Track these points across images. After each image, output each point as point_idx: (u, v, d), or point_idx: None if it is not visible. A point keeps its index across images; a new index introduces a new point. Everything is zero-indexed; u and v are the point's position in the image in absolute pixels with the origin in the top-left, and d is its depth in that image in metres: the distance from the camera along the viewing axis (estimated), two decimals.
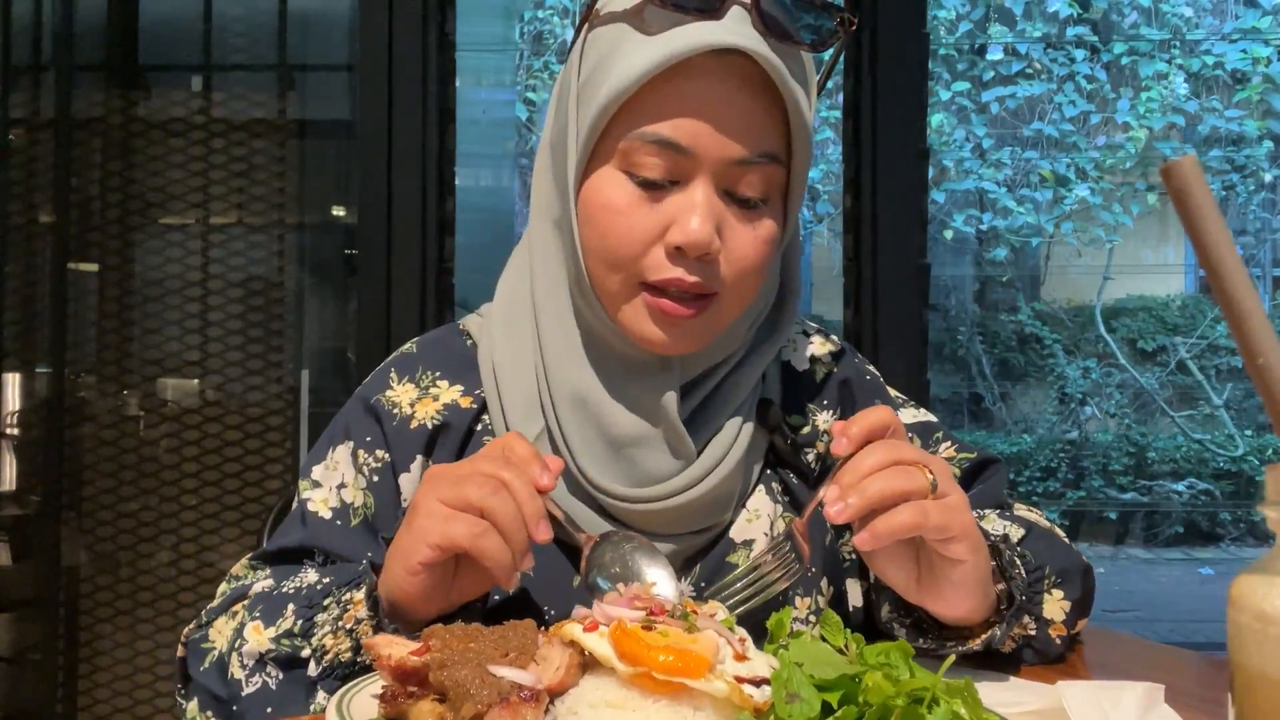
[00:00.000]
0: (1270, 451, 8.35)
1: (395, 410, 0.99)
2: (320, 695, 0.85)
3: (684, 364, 0.94)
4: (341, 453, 1.00)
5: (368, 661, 0.82)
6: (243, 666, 0.87)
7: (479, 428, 0.98)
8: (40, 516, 2.43)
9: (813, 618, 0.99)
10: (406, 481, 0.98)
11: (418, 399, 1.00)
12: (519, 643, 0.70)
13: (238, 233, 2.48)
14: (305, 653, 0.85)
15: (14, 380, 2.50)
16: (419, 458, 0.98)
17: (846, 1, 2.13)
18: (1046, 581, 0.94)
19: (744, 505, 0.98)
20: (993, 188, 9.00)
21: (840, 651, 0.70)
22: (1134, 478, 9.02)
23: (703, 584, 0.95)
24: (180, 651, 0.94)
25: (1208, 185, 0.50)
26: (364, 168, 2.23)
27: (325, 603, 0.85)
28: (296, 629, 0.85)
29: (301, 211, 2.50)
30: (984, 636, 0.88)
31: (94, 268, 2.51)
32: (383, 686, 0.71)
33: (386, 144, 2.22)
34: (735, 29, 0.84)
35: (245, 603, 0.91)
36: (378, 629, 0.83)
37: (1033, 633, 0.93)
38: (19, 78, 2.50)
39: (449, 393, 1.00)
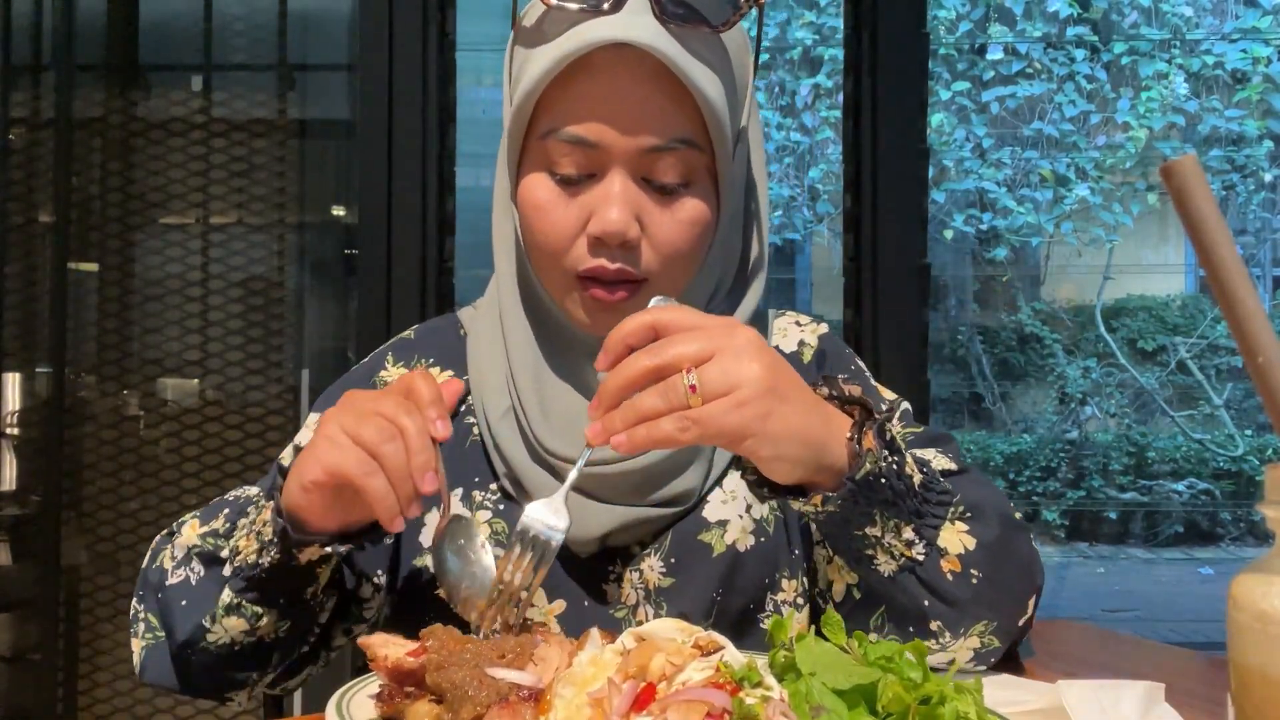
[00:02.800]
0: (1270, 451, 8.35)
1: None
2: (225, 592, 0.89)
3: None
4: None
5: (269, 563, 0.86)
6: (173, 558, 0.95)
7: (463, 408, 1.04)
8: (40, 516, 2.43)
9: (800, 600, 0.99)
10: None
11: None
12: (516, 643, 0.70)
13: (238, 233, 2.48)
14: (224, 552, 0.90)
15: (14, 380, 2.50)
16: None
17: None
18: (951, 510, 0.86)
19: (719, 485, 0.98)
20: (993, 188, 8.99)
21: (841, 649, 0.69)
22: (1134, 478, 9.01)
23: (673, 560, 0.96)
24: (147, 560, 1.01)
25: (1208, 185, 0.50)
26: (364, 168, 2.23)
27: (249, 509, 0.92)
28: (222, 530, 0.92)
29: (301, 211, 2.50)
30: (813, 507, 0.81)
31: (94, 268, 2.50)
32: (380, 686, 0.71)
33: (386, 144, 2.22)
34: (629, 21, 0.87)
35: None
36: (280, 534, 0.84)
37: (919, 558, 0.84)
38: (19, 78, 2.50)
39: (439, 378, 1.04)
